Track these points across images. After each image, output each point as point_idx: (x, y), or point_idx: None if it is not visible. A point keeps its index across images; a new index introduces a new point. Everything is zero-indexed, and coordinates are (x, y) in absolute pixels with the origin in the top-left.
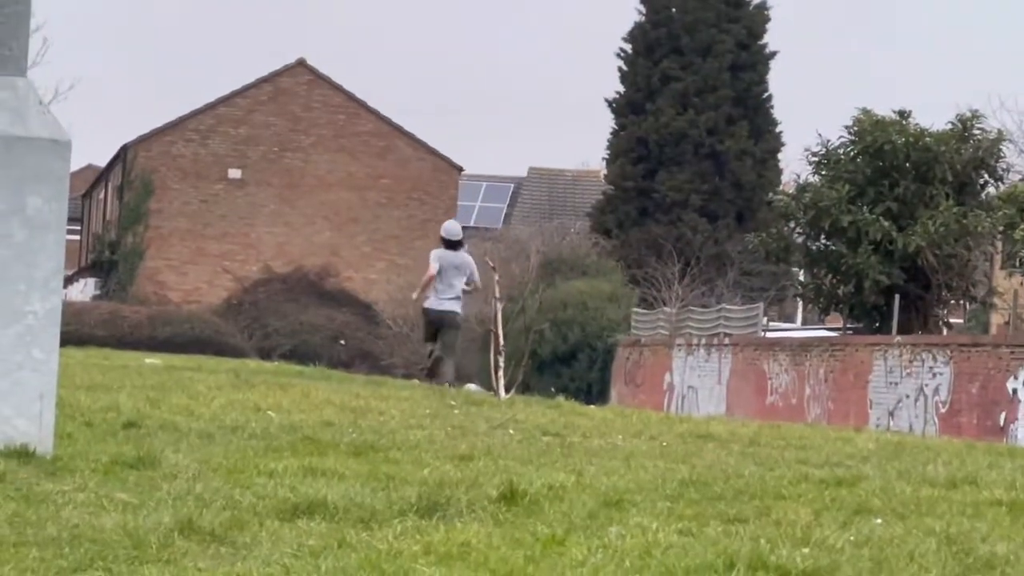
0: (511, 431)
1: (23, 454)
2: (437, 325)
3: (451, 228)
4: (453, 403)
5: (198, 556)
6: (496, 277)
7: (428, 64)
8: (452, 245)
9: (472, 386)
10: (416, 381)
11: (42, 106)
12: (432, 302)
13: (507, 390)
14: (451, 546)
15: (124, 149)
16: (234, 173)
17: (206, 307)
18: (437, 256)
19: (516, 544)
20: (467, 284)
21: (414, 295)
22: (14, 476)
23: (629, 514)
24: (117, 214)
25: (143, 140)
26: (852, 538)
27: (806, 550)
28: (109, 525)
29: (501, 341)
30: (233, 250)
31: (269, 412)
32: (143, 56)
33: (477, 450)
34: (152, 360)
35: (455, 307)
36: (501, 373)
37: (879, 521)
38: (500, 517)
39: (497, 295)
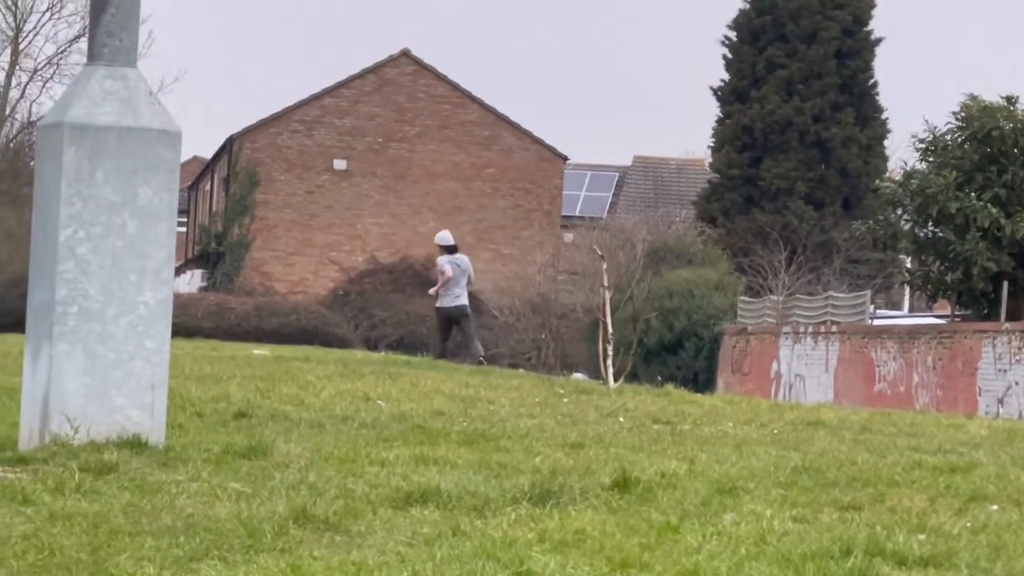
0: (621, 419)
1: (136, 444)
2: (455, 319)
3: (446, 236)
4: (562, 392)
5: (313, 544)
6: (604, 266)
7: (531, 53)
8: (452, 250)
9: (579, 375)
10: (522, 370)
11: (152, 96)
12: (449, 300)
13: (615, 379)
14: (565, 533)
15: (230, 141)
16: (339, 164)
17: (312, 298)
18: (448, 261)
19: (630, 531)
20: (469, 282)
21: (432, 291)
22: (127, 466)
23: (742, 501)
24: (223, 206)
25: (249, 132)
26: (968, 525)
27: (922, 537)
28: (223, 514)
29: (610, 330)
30: (339, 241)
31: (379, 401)
32: (247, 49)
33: (588, 438)
34: (260, 351)
35: (466, 301)
36: (610, 362)
37: (995, 508)
38: (613, 504)
39: (605, 284)
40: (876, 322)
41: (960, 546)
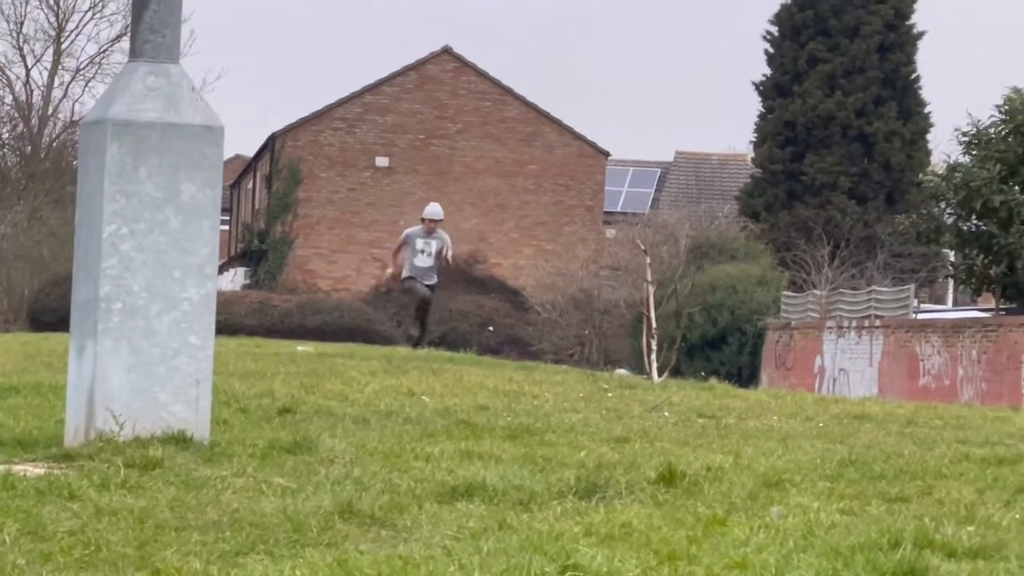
0: (666, 413)
1: (181, 439)
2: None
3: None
4: (606, 386)
5: (359, 539)
6: (647, 261)
7: (571, 50)
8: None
9: (622, 371)
10: (565, 366)
11: (195, 92)
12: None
13: (660, 373)
14: (612, 527)
15: (272, 139)
16: (381, 161)
17: (355, 295)
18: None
19: (677, 524)
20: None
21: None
22: (172, 461)
23: (789, 494)
24: (266, 203)
25: (291, 129)
26: (1017, 516)
27: (971, 528)
28: (269, 509)
29: (653, 324)
30: (381, 238)
31: (423, 397)
32: (289, 47)
33: (633, 432)
34: (303, 347)
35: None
36: (654, 356)
37: None
38: (660, 498)
39: (649, 279)
40: (920, 316)
41: (1009, 537)
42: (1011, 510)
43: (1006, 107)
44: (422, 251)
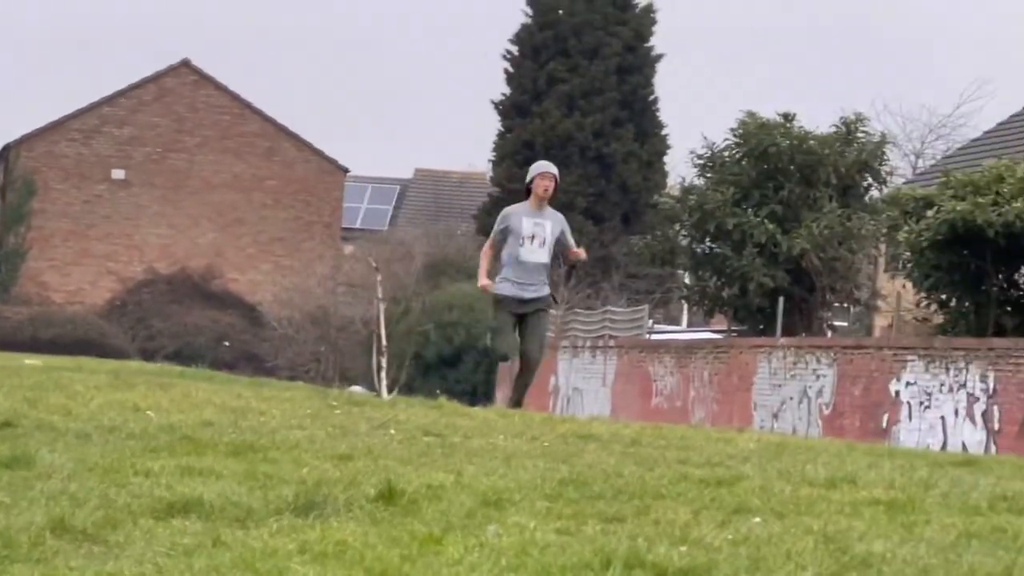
0: (392, 431)
1: None
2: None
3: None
4: (335, 404)
5: (70, 555)
6: (379, 278)
7: (312, 65)
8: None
9: (357, 388)
10: (300, 382)
11: None
12: None
13: (390, 391)
14: (327, 545)
15: (6, 149)
16: (118, 173)
17: (89, 308)
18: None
19: (393, 543)
20: None
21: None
22: None
23: (507, 513)
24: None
25: (26, 140)
26: (730, 537)
27: (684, 548)
28: None
29: (383, 342)
30: (116, 251)
31: (148, 412)
32: (25, 54)
33: (357, 450)
34: (32, 361)
35: None
36: (384, 374)
37: (758, 520)
38: (377, 516)
39: (380, 296)
40: (654, 337)
41: (720, 558)
42: (725, 530)
43: (740, 131)
44: (531, 237)
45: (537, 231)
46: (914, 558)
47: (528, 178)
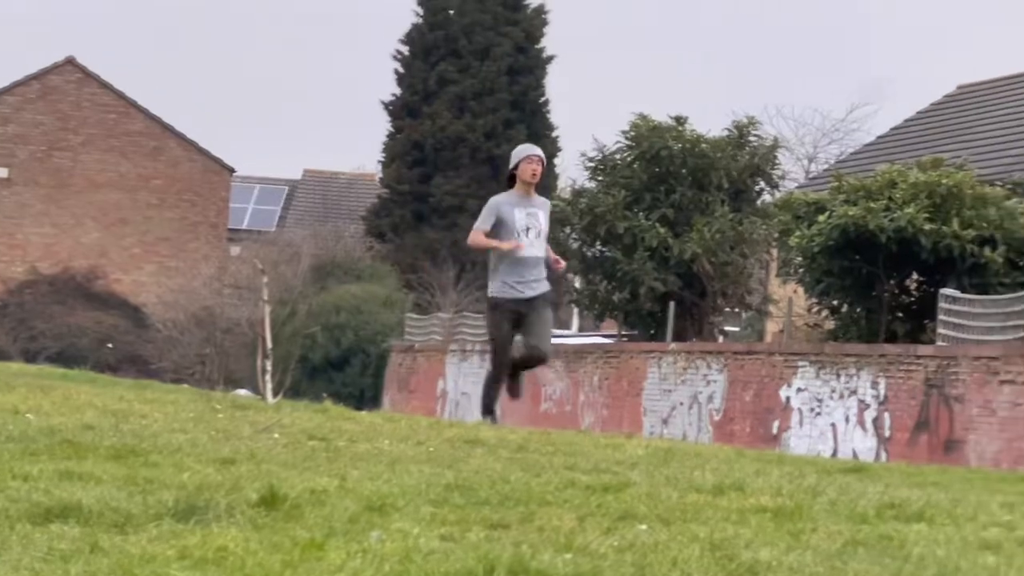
0: (276, 435)
1: None
2: None
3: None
4: (219, 407)
5: None
6: (264, 280)
7: (199, 64)
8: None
9: (242, 391)
10: (185, 385)
11: None
12: None
13: (275, 394)
14: (207, 550)
15: None
16: (0, 172)
17: None
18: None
19: (274, 549)
20: None
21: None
22: None
23: (391, 519)
24: None
25: None
26: (615, 544)
27: (568, 555)
28: None
29: (268, 345)
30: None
31: (28, 415)
32: None
33: (240, 454)
34: None
35: None
36: (268, 377)
37: (644, 527)
38: (259, 522)
39: (265, 298)
40: None
41: (605, 565)
42: (610, 537)
43: (632, 133)
44: (527, 229)
45: (531, 222)
46: (800, 566)
47: (512, 164)
